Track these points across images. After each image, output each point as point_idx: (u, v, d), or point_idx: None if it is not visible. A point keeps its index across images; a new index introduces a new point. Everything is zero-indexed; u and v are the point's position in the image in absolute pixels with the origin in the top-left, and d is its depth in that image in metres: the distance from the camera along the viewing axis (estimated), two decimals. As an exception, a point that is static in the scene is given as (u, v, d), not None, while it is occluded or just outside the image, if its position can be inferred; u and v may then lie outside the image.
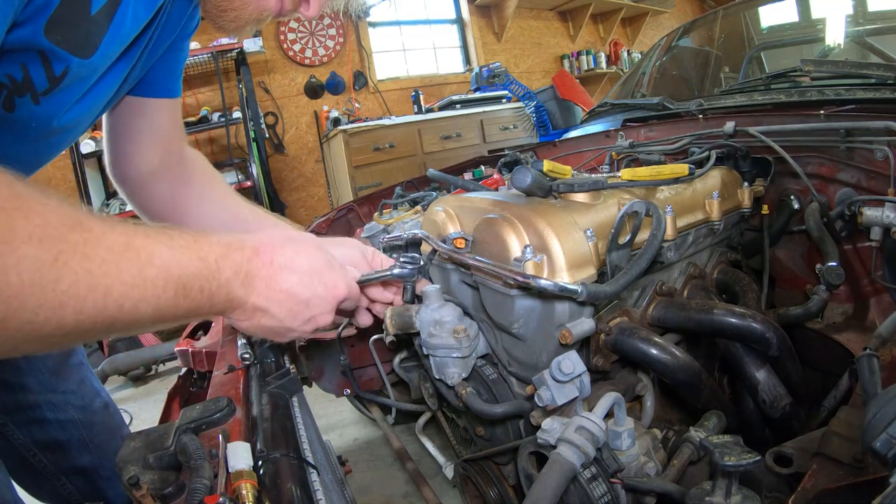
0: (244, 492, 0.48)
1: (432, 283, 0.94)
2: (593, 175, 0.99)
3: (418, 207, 1.48)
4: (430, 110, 4.44)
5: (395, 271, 0.82)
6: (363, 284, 0.80)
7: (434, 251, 0.94)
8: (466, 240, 0.86)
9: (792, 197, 1.09)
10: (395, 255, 0.87)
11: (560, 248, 0.73)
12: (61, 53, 0.58)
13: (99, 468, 1.05)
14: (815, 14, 1.77)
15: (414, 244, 1.05)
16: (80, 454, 1.02)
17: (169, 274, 0.51)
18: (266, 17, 0.74)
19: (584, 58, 5.46)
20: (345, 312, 0.81)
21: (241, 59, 3.72)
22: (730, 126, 1.17)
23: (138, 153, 0.92)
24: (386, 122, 4.04)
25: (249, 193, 3.62)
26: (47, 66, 0.59)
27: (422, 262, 0.86)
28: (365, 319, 0.86)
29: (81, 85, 0.67)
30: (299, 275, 0.63)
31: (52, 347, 0.50)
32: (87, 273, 0.44)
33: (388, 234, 1.25)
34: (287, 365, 0.91)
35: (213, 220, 0.92)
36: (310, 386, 1.54)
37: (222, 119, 3.67)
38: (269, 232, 0.71)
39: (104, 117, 0.90)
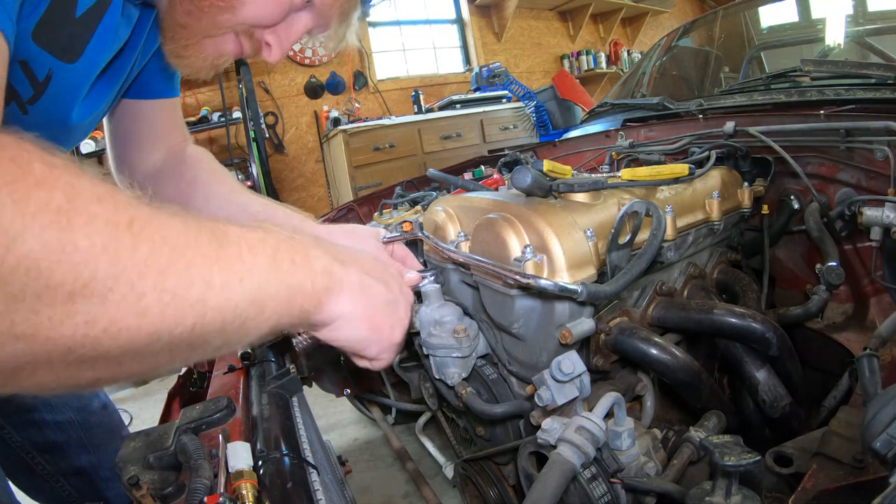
0: (244, 492, 0.48)
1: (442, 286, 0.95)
2: (593, 175, 0.99)
3: (418, 207, 1.48)
4: (430, 110, 4.44)
5: (421, 284, 0.84)
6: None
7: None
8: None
9: (792, 197, 1.09)
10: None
11: (560, 248, 0.73)
12: (45, 57, 0.57)
13: (98, 468, 1.04)
14: (815, 14, 1.77)
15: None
16: (78, 455, 1.02)
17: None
18: (224, 60, 0.77)
19: (584, 58, 5.46)
20: None
21: (241, 59, 3.71)
22: (730, 126, 1.17)
23: (141, 156, 0.91)
24: (386, 122, 4.03)
25: (249, 193, 3.62)
26: (27, 71, 0.58)
27: (439, 271, 0.87)
28: None
29: (73, 92, 0.65)
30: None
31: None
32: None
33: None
34: (287, 365, 0.90)
35: (222, 215, 0.90)
36: (310, 386, 1.54)
37: (222, 119, 3.67)
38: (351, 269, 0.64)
39: (104, 121, 0.90)
